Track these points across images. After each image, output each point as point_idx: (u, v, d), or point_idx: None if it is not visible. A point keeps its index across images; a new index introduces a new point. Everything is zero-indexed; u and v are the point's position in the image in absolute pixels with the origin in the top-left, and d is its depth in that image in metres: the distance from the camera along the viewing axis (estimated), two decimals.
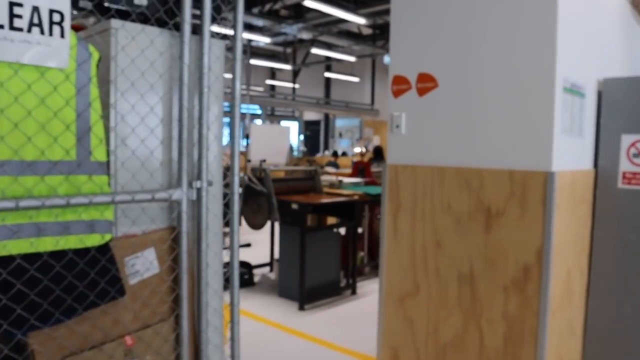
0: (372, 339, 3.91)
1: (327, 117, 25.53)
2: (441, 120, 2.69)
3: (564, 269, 2.54)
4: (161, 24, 1.93)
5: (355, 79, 22.91)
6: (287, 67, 20.99)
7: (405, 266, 2.84)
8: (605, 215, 2.86)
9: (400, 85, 2.89)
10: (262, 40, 15.06)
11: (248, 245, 5.57)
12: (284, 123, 26.28)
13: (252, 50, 21.26)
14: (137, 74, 1.82)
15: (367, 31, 17.85)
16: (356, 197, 4.83)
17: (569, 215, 2.55)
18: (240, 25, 2.10)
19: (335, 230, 4.93)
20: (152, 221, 1.90)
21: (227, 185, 2.14)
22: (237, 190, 2.12)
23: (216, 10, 2.06)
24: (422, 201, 2.76)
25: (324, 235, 4.78)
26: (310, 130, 26.34)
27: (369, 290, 5.22)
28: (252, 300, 4.75)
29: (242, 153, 13.67)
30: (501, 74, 2.48)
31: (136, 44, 1.80)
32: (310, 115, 26.23)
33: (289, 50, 21.01)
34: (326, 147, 24.65)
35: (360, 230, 5.91)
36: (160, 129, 1.91)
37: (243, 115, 23.20)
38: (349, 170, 8.45)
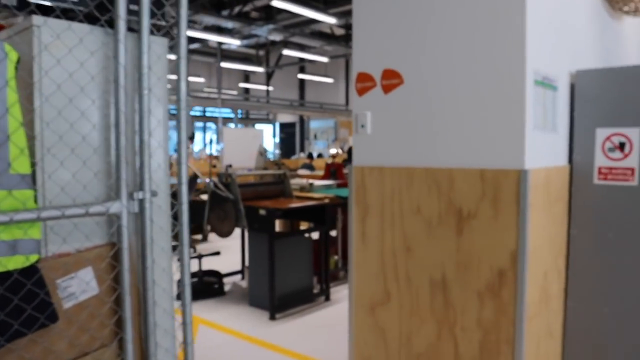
0: (345, 350, 3.75)
1: (302, 119, 25.37)
2: (408, 118, 2.55)
3: (541, 272, 2.41)
4: (92, 20, 1.74)
5: (329, 80, 22.81)
6: (260, 69, 20.78)
7: (375, 273, 2.69)
8: (581, 213, 2.75)
9: (364, 82, 2.74)
10: (233, 42, 14.85)
11: (217, 253, 5.37)
12: (259, 126, 26.07)
13: (224, 54, 20.99)
14: (64, 75, 1.64)
15: (340, 31, 17.76)
16: (327, 200, 4.68)
17: (545, 214, 2.43)
18: (183, 21, 1.92)
19: (307, 235, 4.76)
20: (87, 238, 1.72)
21: (175, 195, 1.96)
22: (186, 200, 1.94)
23: (156, 5, 1.88)
24: (391, 204, 2.61)
25: (294, 240, 4.62)
26: (286, 133, 26.13)
27: (344, 295, 5.07)
28: (222, 310, 4.56)
29: (215, 157, 13.43)
30: (469, 68, 2.35)
31: (62, 43, 1.61)
32: (285, 118, 26.05)
33: (261, 52, 20.82)
34: (302, 150, 24.48)
35: (334, 233, 5.76)
36: (94, 135, 1.73)
37: (215, 119, 22.91)
38: (323, 173, 8.29)
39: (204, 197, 4.64)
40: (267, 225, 4.19)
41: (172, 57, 1.99)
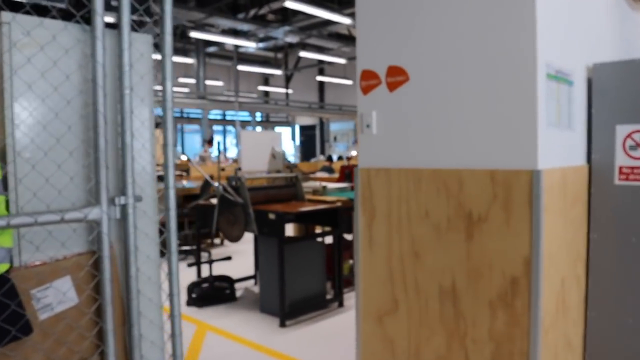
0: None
1: (322, 121, 25.28)
2: (414, 116, 2.41)
3: (558, 279, 2.25)
4: (69, 16, 1.65)
5: (349, 82, 22.67)
6: (279, 72, 20.73)
7: (383, 280, 2.55)
8: (602, 216, 2.57)
9: (369, 80, 2.61)
10: (249, 45, 14.80)
11: (228, 258, 5.27)
12: (279, 129, 26.06)
13: (243, 57, 21.01)
14: (36, 74, 1.54)
15: None
16: (338, 204, 4.54)
17: (561, 217, 2.27)
18: (168, 17, 1.82)
19: (320, 239, 4.63)
20: (64, 245, 1.62)
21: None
22: (173, 205, 1.84)
23: None
24: (398, 208, 2.47)
25: (307, 245, 4.49)
26: (306, 135, 26.02)
27: None
28: (232, 317, 4.45)
29: (235, 161, 13.39)
30: (476, 62, 2.20)
31: (33, 40, 1.52)
32: (305, 120, 25.97)
33: (280, 55, 20.78)
34: (322, 152, 24.36)
35: (350, 237, 5.62)
36: (69, 138, 1.63)
37: (232, 122, 22.92)
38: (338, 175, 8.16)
39: (215, 201, 4.55)
40: (276, 230, 4.08)
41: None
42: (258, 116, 25.41)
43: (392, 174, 2.49)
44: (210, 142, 13.58)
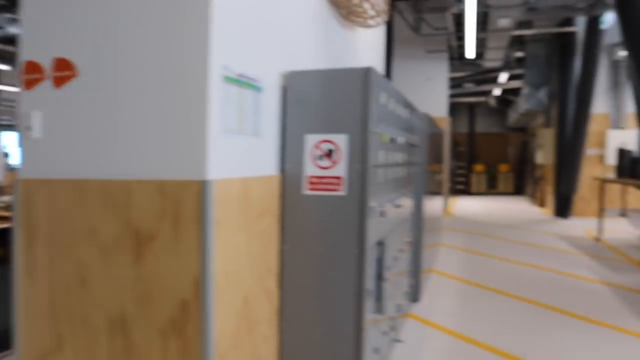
0: None
1: None
2: (82, 118, 2.05)
3: (238, 297, 2.09)
4: None
5: None
6: (9, 68, 18.16)
7: (45, 314, 2.12)
8: (292, 227, 2.53)
9: (32, 74, 2.16)
10: None
11: None
12: (6, 134, 22.92)
13: None
14: None
15: None
16: None
17: (242, 231, 2.12)
18: None
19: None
20: None
21: None
22: None
23: None
24: (62, 226, 2.08)
25: None
26: None
27: None
28: None
29: None
30: (148, 61, 1.93)
31: None
32: None
33: (13, 48, 18.23)
34: None
35: None
36: None
37: None
38: None
39: None
40: None
41: None
42: None
43: (55, 185, 2.08)
44: None
